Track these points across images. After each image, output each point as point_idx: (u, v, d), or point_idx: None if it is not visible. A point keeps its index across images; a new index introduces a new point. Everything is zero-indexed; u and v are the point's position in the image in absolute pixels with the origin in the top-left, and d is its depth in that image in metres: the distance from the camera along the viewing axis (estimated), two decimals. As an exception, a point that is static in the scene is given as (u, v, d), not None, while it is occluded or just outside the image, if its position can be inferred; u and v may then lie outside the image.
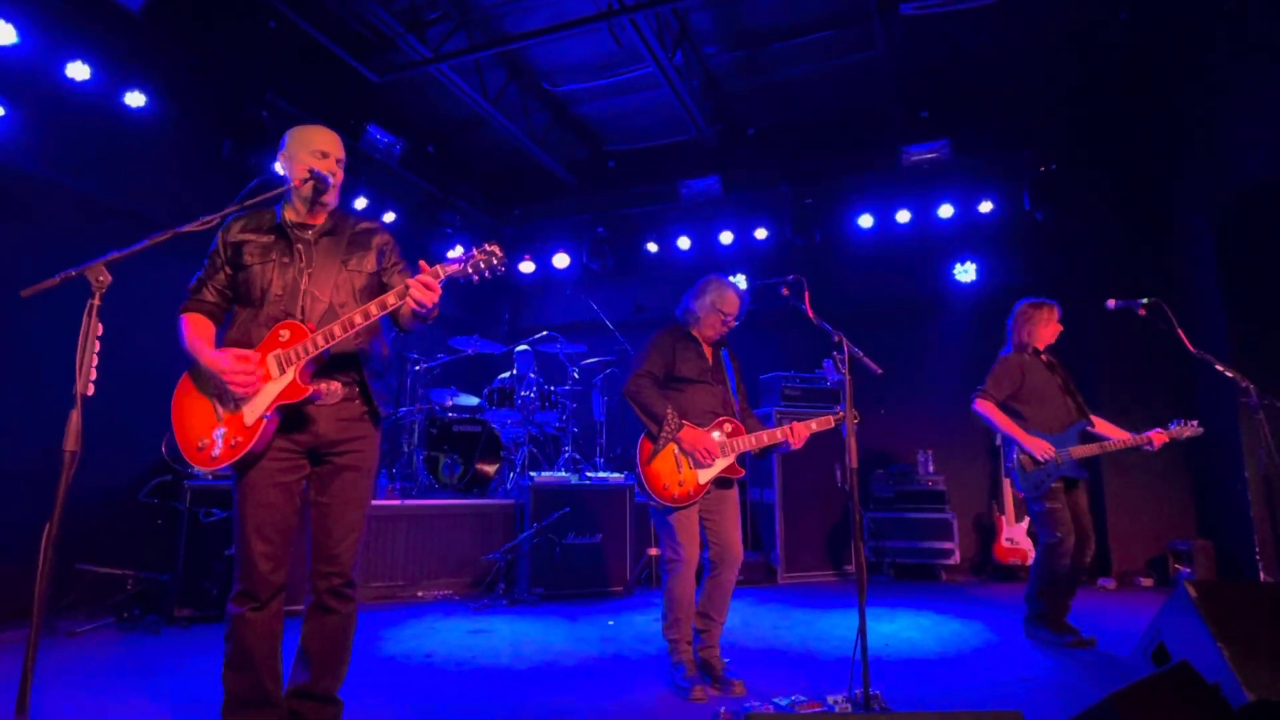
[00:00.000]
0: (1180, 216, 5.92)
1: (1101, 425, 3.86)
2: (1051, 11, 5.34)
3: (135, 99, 4.79)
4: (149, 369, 4.75)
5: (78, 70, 4.49)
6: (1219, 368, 3.44)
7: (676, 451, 3.02)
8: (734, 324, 3.22)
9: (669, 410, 3.02)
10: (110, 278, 1.73)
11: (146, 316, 4.58)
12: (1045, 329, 3.98)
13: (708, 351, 3.24)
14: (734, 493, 3.17)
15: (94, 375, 1.70)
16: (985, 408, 3.90)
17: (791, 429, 3.04)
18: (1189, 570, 5.28)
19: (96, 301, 1.70)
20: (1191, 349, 3.50)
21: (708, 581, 3.11)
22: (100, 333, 1.71)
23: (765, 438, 3.07)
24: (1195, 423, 3.70)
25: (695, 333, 3.24)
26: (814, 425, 3.09)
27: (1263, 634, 2.14)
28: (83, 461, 1.71)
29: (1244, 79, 5.04)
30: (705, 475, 3.01)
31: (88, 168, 4.71)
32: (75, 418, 1.66)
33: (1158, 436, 3.70)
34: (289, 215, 2.26)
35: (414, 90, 6.22)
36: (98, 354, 1.69)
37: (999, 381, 3.93)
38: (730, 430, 3.09)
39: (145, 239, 1.91)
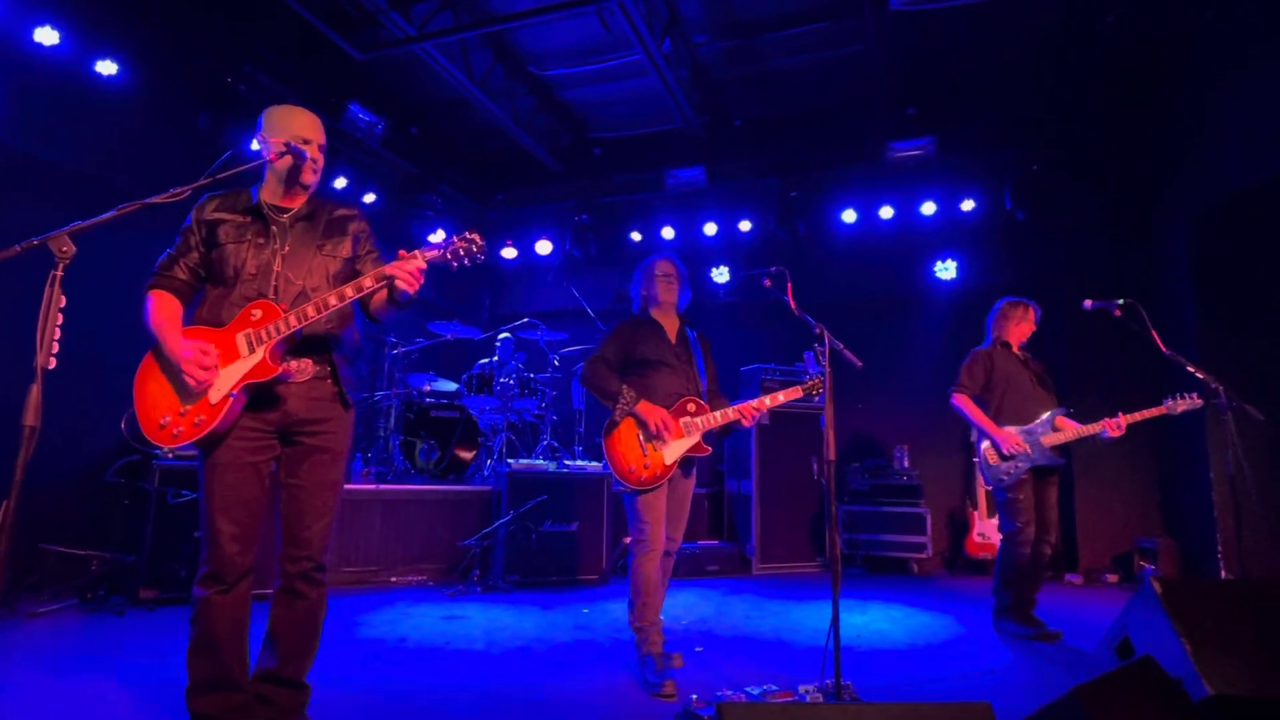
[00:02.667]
0: (1157, 222, 6.01)
1: (1063, 424, 3.84)
2: (1039, 13, 5.36)
3: (107, 67, 4.65)
4: (118, 344, 4.65)
5: (46, 35, 4.34)
6: (1190, 369, 3.49)
7: (640, 434, 3.05)
8: (676, 282, 3.29)
9: (623, 386, 3.07)
10: (74, 248, 1.67)
11: (117, 290, 4.47)
12: (1019, 327, 4.08)
13: (670, 333, 3.27)
14: (692, 481, 3.24)
15: (56, 349, 1.65)
16: (961, 402, 3.96)
17: (741, 409, 3.09)
18: (1154, 568, 5.40)
19: (59, 272, 1.65)
20: (1164, 350, 3.55)
21: None
22: (63, 304, 1.65)
23: (733, 413, 3.11)
24: (1195, 395, 3.66)
25: (655, 314, 3.30)
26: (780, 397, 3.17)
27: (1223, 630, 2.19)
28: (47, 440, 1.66)
29: (1222, 91, 5.12)
30: (670, 455, 3.04)
31: (56, 136, 4.57)
32: (35, 392, 1.60)
33: (1111, 424, 3.69)
34: (265, 196, 2.22)
35: (397, 69, 6.11)
36: (60, 326, 1.64)
37: (971, 373, 4.00)
38: (694, 410, 3.12)
39: (113, 209, 1.85)
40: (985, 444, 3.89)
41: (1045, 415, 3.84)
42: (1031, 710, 1.87)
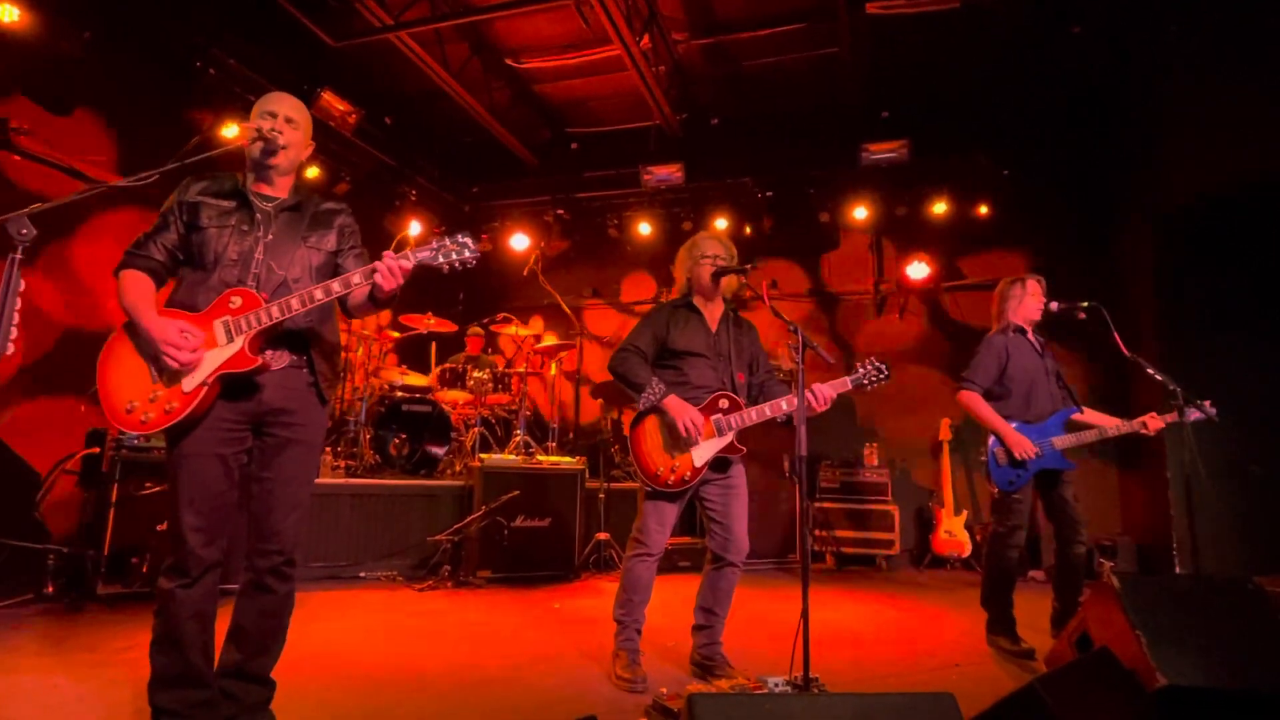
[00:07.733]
0: (1121, 227, 6.18)
1: (1090, 415, 3.61)
2: (1008, 22, 5.47)
3: (73, 47, 4.51)
4: (80, 332, 4.52)
5: (6, 11, 4.20)
6: (1150, 371, 3.58)
7: (665, 429, 2.83)
8: (724, 263, 3.03)
9: (652, 379, 2.84)
10: (35, 230, 1.62)
11: (80, 278, 4.36)
12: (1023, 306, 3.67)
13: (712, 322, 3.05)
14: (740, 479, 2.98)
15: (14, 334, 1.60)
16: (969, 399, 3.58)
17: (788, 401, 2.79)
18: (1113, 565, 5.55)
19: (19, 255, 1.60)
20: (1126, 352, 3.63)
21: (712, 573, 2.98)
22: (23, 288, 1.60)
23: (768, 410, 2.85)
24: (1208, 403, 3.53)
25: (698, 301, 3.08)
26: (829, 391, 2.83)
27: (1176, 623, 2.27)
28: (4, 429, 1.61)
29: (1184, 103, 5.27)
30: (700, 456, 2.82)
31: (19, 115, 4.41)
32: (-8, 378, 1.56)
33: (1153, 420, 3.52)
34: (251, 184, 2.19)
35: (373, 58, 6.02)
36: (19, 311, 1.59)
37: (983, 367, 3.60)
38: (727, 406, 2.88)
39: (75, 192, 1.81)
40: (996, 445, 3.52)
41: (1055, 415, 3.52)
42: (995, 701, 1.91)
